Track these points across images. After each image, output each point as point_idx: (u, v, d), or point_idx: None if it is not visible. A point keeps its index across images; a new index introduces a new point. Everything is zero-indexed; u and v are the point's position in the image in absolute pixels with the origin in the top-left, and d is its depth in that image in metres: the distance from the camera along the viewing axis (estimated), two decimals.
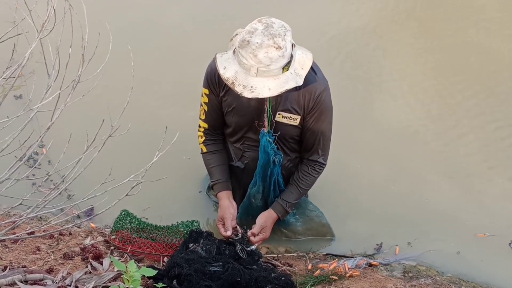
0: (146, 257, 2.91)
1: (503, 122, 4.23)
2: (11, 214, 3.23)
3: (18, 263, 2.69)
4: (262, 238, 3.01)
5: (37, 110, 2.18)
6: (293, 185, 3.06)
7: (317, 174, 3.04)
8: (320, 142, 2.94)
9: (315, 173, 3.03)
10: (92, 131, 2.34)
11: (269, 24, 2.50)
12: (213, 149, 3.10)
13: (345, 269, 3.07)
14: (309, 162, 3.02)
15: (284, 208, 3.04)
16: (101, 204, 2.39)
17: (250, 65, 2.48)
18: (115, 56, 2.63)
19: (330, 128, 2.95)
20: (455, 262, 3.31)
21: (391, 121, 4.23)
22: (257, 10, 2.74)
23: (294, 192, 3.06)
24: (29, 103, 2.53)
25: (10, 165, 2.30)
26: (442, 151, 4.03)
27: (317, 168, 3.02)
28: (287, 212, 3.08)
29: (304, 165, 3.04)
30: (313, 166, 3.02)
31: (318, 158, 3.00)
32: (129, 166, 2.62)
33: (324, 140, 2.95)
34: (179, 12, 5.09)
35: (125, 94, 2.46)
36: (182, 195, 3.67)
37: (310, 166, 3.02)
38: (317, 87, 2.75)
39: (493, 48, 4.87)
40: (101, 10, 4.53)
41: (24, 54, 2.21)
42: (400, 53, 4.83)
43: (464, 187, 3.79)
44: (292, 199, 3.05)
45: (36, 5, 2.39)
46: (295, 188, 3.05)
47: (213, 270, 2.58)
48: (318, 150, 2.97)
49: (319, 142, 2.94)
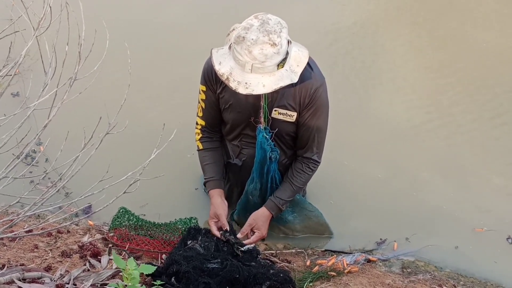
0: (144, 255, 2.91)
1: (499, 120, 4.24)
2: (9, 212, 3.23)
3: (16, 261, 2.69)
4: (258, 236, 2.98)
5: (34, 108, 2.18)
6: (286, 182, 3.04)
7: (311, 171, 3.02)
8: (315, 139, 2.92)
9: (309, 171, 3.01)
10: (90, 128, 2.34)
11: (265, 20, 2.49)
12: (209, 147, 3.09)
13: (344, 265, 3.07)
14: (303, 159, 3.00)
15: (277, 205, 3.01)
16: (99, 202, 2.39)
17: (245, 61, 2.47)
18: (112, 54, 2.62)
19: (326, 126, 2.93)
20: (453, 257, 3.32)
21: (388, 118, 4.23)
22: (254, 8, 2.74)
23: (287, 190, 3.03)
24: (26, 101, 2.53)
25: (8, 163, 2.30)
26: (439, 148, 4.03)
27: (311, 165, 3.00)
28: (280, 209, 3.04)
29: (298, 163, 3.02)
30: (307, 164, 2.99)
31: (312, 156, 2.98)
32: (127, 163, 2.62)
33: (319, 137, 2.93)
34: (176, 9, 5.08)
35: (122, 91, 2.45)
36: (180, 192, 3.67)
37: (304, 164, 3.00)
38: (313, 83, 2.75)
39: (491, 45, 4.87)
40: (98, 7, 4.53)
41: (21, 52, 2.21)
42: (398, 50, 4.83)
43: (461, 182, 3.80)
44: (285, 197, 3.02)
45: (33, 3, 2.39)
46: (289, 186, 3.03)
47: (211, 267, 2.58)
48: (313, 147, 2.95)
49: (313, 139, 2.92)
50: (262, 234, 2.99)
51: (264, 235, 3.01)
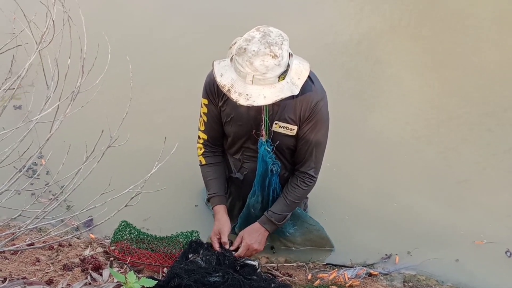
0: (145, 268, 2.90)
1: (499, 131, 4.25)
2: (11, 226, 3.23)
3: (18, 274, 2.69)
4: (245, 246, 2.89)
5: (36, 121, 2.19)
6: (281, 197, 3.00)
7: (306, 187, 2.97)
8: (313, 154, 2.89)
9: (304, 186, 2.96)
10: (91, 141, 2.34)
11: (266, 32, 2.51)
12: (212, 162, 3.08)
13: (345, 279, 3.06)
14: (300, 174, 2.96)
15: (268, 218, 2.96)
16: (101, 215, 2.38)
17: (246, 72, 2.48)
18: (113, 68, 2.64)
19: (325, 141, 2.90)
20: (454, 271, 3.31)
21: (389, 132, 4.23)
22: (256, 23, 2.74)
23: (280, 203, 2.98)
24: (28, 114, 2.54)
25: (10, 176, 2.30)
26: (439, 160, 4.03)
27: (306, 180, 2.95)
28: (273, 223, 2.97)
29: (294, 177, 2.99)
30: (302, 179, 2.95)
31: (309, 170, 2.93)
32: (129, 176, 2.62)
33: (317, 152, 2.90)
34: (178, 24, 5.11)
35: (124, 105, 2.46)
36: (182, 205, 3.67)
37: (299, 178, 2.96)
38: (314, 96, 2.75)
39: (489, 58, 4.88)
40: (100, 21, 4.56)
41: (23, 66, 2.22)
42: (398, 65, 4.84)
43: (460, 195, 3.80)
44: (277, 210, 2.97)
45: (35, 17, 2.41)
46: (282, 200, 2.99)
47: (212, 281, 2.57)
48: (310, 162, 2.92)
49: (311, 153, 2.89)
50: (247, 243, 2.91)
51: (257, 248, 2.94)
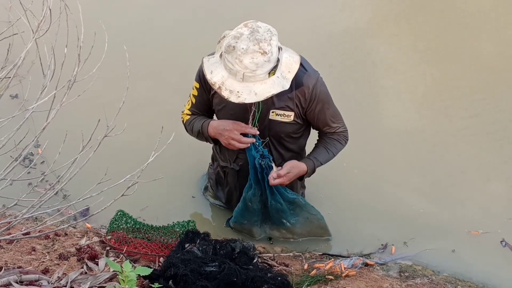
0: (142, 258, 2.91)
1: (495, 123, 4.25)
2: (7, 215, 3.22)
3: (14, 263, 2.69)
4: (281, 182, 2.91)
5: (32, 110, 2.17)
6: (321, 147, 3.04)
7: (345, 142, 3.06)
8: (334, 121, 2.97)
9: (344, 142, 3.05)
10: (88, 131, 2.33)
11: (254, 28, 2.50)
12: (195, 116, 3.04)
13: (341, 269, 3.07)
14: (334, 135, 3.02)
15: (314, 164, 3.00)
16: (97, 205, 2.38)
17: (236, 70, 2.49)
18: (110, 56, 2.62)
19: (335, 108, 2.97)
20: (450, 261, 3.32)
21: (388, 122, 4.24)
22: (251, 12, 2.73)
23: (323, 153, 3.03)
24: (24, 103, 2.53)
25: (6, 165, 2.29)
26: (435, 152, 4.04)
27: (342, 137, 3.04)
28: (313, 170, 3.03)
29: (330, 135, 3.03)
30: (338, 136, 3.03)
31: (340, 131, 3.02)
32: (125, 166, 2.61)
33: (335, 118, 2.98)
34: (175, 12, 5.09)
35: (121, 94, 2.45)
36: (178, 195, 3.67)
37: (338, 136, 3.03)
38: (310, 82, 2.76)
39: (488, 52, 4.87)
40: (97, 10, 4.54)
41: (20, 54, 2.20)
42: (394, 54, 4.83)
43: (457, 186, 3.81)
44: (322, 159, 3.02)
45: (31, 5, 2.39)
46: (324, 150, 3.03)
47: (209, 270, 2.58)
48: (337, 124, 3.00)
49: (332, 122, 2.96)
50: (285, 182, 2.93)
51: (286, 183, 2.97)
